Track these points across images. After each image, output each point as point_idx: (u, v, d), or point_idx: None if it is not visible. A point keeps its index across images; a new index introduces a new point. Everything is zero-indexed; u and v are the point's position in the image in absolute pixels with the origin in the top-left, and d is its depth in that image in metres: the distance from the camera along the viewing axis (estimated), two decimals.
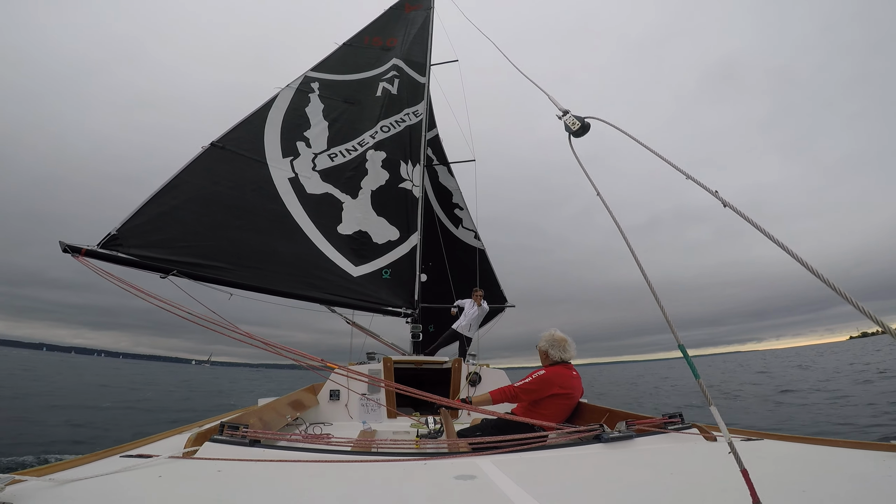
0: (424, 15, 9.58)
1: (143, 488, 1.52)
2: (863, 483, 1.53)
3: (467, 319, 7.67)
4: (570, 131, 2.26)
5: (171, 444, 2.38)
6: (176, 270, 4.52)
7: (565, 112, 2.33)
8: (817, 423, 8.90)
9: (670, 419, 2.64)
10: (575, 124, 2.24)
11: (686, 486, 1.56)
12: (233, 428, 2.29)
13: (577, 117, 2.26)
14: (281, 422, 3.63)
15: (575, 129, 2.24)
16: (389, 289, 6.17)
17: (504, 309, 9.95)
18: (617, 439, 2.27)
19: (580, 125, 2.24)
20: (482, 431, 3.43)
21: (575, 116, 2.27)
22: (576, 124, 2.24)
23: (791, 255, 1.28)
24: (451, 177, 10.57)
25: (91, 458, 1.97)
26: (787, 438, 2.29)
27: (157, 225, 4.75)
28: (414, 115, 7.93)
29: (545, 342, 3.54)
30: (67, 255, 4.09)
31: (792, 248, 1.28)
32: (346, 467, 1.84)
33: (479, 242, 10.24)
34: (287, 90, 6.86)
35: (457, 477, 1.62)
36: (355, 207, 6.51)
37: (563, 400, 3.35)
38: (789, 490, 1.41)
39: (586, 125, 2.25)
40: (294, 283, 5.38)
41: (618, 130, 2.16)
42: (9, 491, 1.31)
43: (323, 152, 6.67)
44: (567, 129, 2.28)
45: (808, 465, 1.79)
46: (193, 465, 1.84)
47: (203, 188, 5.30)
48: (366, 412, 4.87)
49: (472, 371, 5.57)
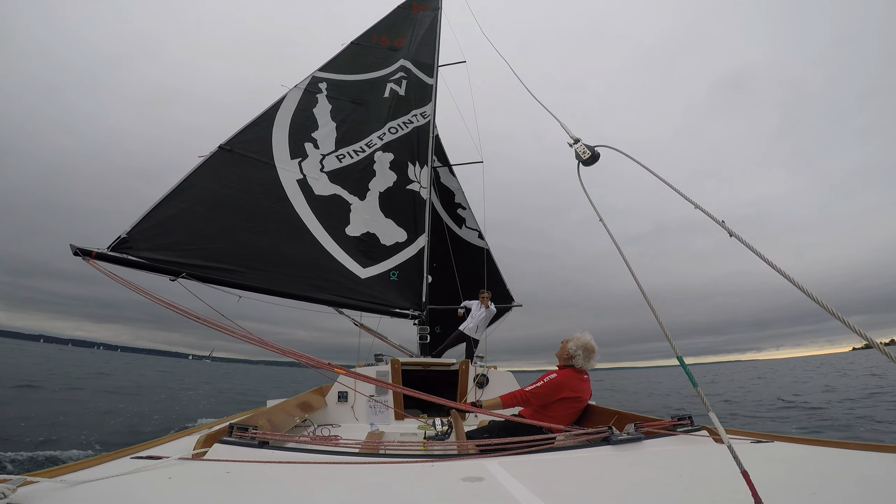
0: (432, 16, 9.58)
1: (154, 490, 1.53)
2: (873, 485, 1.51)
3: (474, 321, 7.65)
4: (580, 160, 2.21)
5: (181, 445, 2.39)
6: (185, 273, 4.56)
7: (576, 140, 2.27)
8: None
9: (679, 421, 2.63)
10: (585, 153, 2.19)
11: (695, 489, 1.55)
12: (242, 429, 2.30)
13: (588, 146, 2.20)
14: (289, 423, 3.64)
15: (585, 158, 2.19)
16: (397, 290, 6.17)
17: (511, 308, 9.92)
18: (626, 441, 2.25)
19: (591, 154, 2.19)
20: (490, 433, 3.42)
21: (586, 145, 2.20)
22: (586, 153, 2.19)
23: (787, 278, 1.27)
24: (452, 177, 10.53)
25: (102, 459, 1.99)
26: (796, 440, 2.27)
27: (166, 228, 4.79)
28: (422, 116, 7.93)
29: (575, 345, 3.46)
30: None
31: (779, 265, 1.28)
32: (355, 469, 1.84)
33: (484, 242, 10.20)
34: (295, 91, 6.89)
35: (464, 479, 1.62)
36: (363, 209, 6.52)
37: (573, 403, 3.34)
38: (799, 492, 1.40)
39: (596, 154, 2.19)
40: (302, 285, 5.40)
41: (629, 159, 2.11)
42: (21, 492, 1.33)
43: (331, 153, 6.69)
44: (577, 158, 2.22)
45: (818, 467, 1.77)
46: (203, 466, 1.85)
47: (212, 191, 5.34)
48: (373, 414, 4.88)
49: (480, 373, 5.56)
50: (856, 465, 1.76)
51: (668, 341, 1.56)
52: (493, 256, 10.12)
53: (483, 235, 10.26)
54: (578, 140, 2.27)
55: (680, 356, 1.54)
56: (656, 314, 1.63)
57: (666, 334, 1.56)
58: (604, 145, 2.19)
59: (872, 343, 1.10)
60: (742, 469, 1.17)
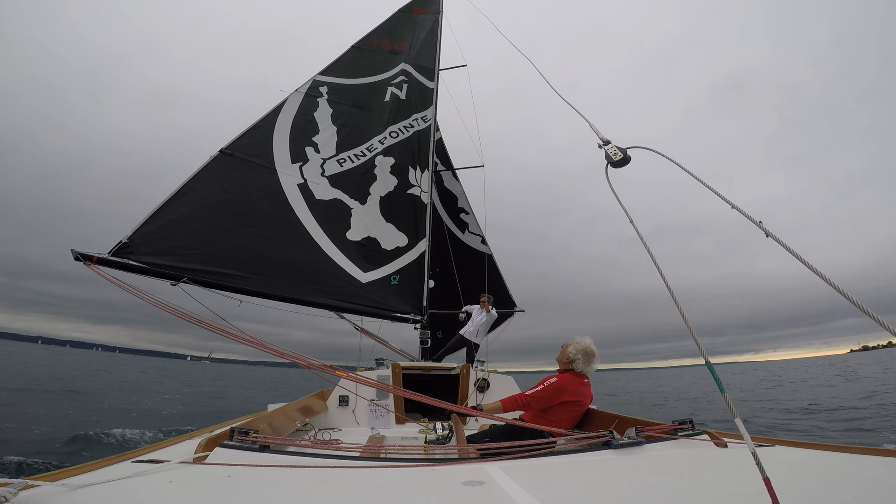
0: (433, 19, 9.61)
1: (155, 493, 1.53)
2: (875, 489, 1.50)
3: (475, 326, 7.65)
4: (611, 161, 2.17)
5: (182, 449, 2.40)
6: (186, 277, 4.56)
7: (607, 142, 2.24)
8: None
9: (680, 425, 2.62)
10: (617, 155, 2.16)
11: (696, 493, 1.55)
12: (243, 433, 2.31)
13: (619, 148, 2.17)
14: (290, 427, 3.64)
15: (616, 161, 2.16)
16: (398, 295, 6.17)
17: (513, 314, 9.90)
18: (626, 445, 2.25)
19: (622, 156, 2.15)
20: (490, 437, 3.42)
21: (617, 147, 2.17)
22: (618, 155, 2.16)
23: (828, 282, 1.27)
24: (455, 181, 10.52)
25: (103, 463, 2.00)
26: (799, 444, 2.26)
27: (167, 232, 4.79)
28: (422, 120, 7.95)
29: (576, 349, 3.46)
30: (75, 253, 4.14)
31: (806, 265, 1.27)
32: (356, 473, 1.84)
33: (487, 247, 10.17)
34: (296, 95, 6.91)
35: (465, 483, 1.62)
36: (364, 213, 6.52)
37: (573, 407, 3.34)
38: (802, 496, 1.40)
39: (628, 157, 2.16)
40: (303, 289, 5.40)
41: (667, 160, 2.06)
42: (22, 496, 1.33)
43: (332, 157, 6.70)
44: (607, 159, 2.18)
45: (821, 471, 1.76)
46: (204, 470, 1.85)
47: (212, 195, 5.34)
48: (374, 418, 4.88)
49: (481, 377, 5.56)
50: (858, 469, 1.76)
51: (696, 344, 1.54)
52: (495, 262, 10.10)
53: (486, 241, 10.25)
54: (609, 142, 2.23)
55: (709, 361, 1.52)
56: (683, 314, 1.60)
57: (694, 337, 1.53)
58: (635, 146, 2.16)
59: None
60: (764, 476, 1.15)
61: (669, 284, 1.70)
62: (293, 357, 3.07)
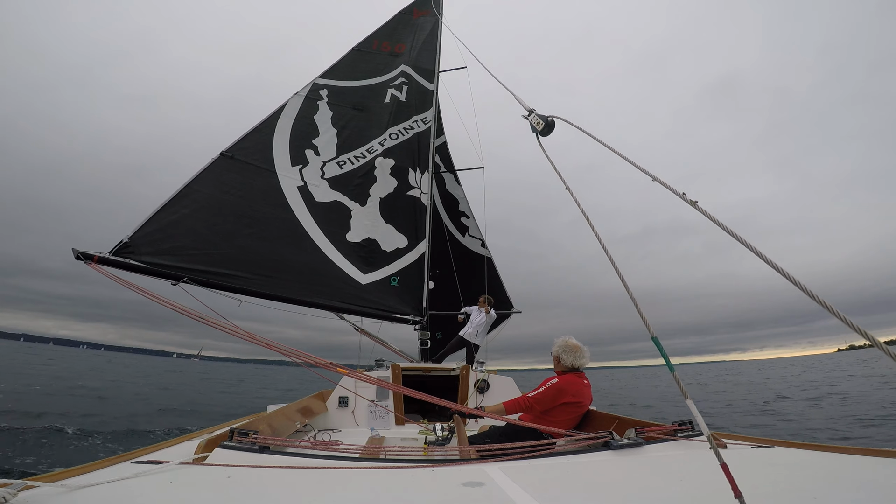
0: (433, 21, 9.63)
1: (155, 494, 1.53)
2: (874, 490, 1.51)
3: (474, 327, 7.65)
4: (536, 131, 2.29)
5: (182, 450, 2.40)
6: (187, 277, 4.57)
7: (531, 111, 2.36)
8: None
9: (680, 426, 2.62)
10: (539, 124, 2.28)
11: (696, 494, 1.55)
12: (242, 434, 2.31)
13: (541, 116, 2.29)
14: (290, 428, 3.64)
15: (540, 129, 2.27)
16: (398, 296, 6.17)
17: (510, 315, 9.91)
18: (626, 446, 2.25)
19: (544, 124, 2.27)
20: (490, 438, 3.42)
21: (539, 116, 2.29)
22: (540, 124, 2.28)
23: (784, 274, 1.27)
24: (457, 185, 10.54)
25: (103, 463, 2.00)
26: (797, 445, 2.26)
27: (168, 233, 4.81)
28: (422, 122, 7.96)
29: (558, 348, 3.53)
30: (68, 250, 4.15)
31: (782, 266, 1.27)
32: (355, 474, 1.84)
33: (486, 250, 10.19)
34: (296, 98, 6.92)
35: (465, 484, 1.62)
36: (364, 215, 6.53)
37: (574, 408, 3.34)
38: (800, 497, 1.40)
39: (551, 123, 2.27)
40: (303, 290, 5.41)
41: (582, 132, 2.16)
42: (21, 497, 1.33)
43: (332, 160, 6.71)
44: (532, 130, 2.31)
45: (819, 473, 1.77)
46: (204, 471, 1.85)
47: (213, 197, 5.36)
48: (374, 419, 4.88)
49: (480, 378, 5.56)
50: (856, 471, 1.76)
51: (643, 321, 1.56)
52: (494, 265, 10.12)
53: (486, 244, 10.26)
54: (532, 111, 2.36)
55: (655, 337, 1.53)
56: (625, 284, 1.62)
57: (639, 311, 1.55)
58: (558, 117, 2.26)
59: (875, 343, 1.11)
60: (722, 462, 1.18)
61: (608, 250, 1.72)
62: (295, 354, 3.08)
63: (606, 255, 1.77)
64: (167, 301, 3.61)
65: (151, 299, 3.65)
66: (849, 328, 1.15)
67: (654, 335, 1.54)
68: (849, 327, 1.15)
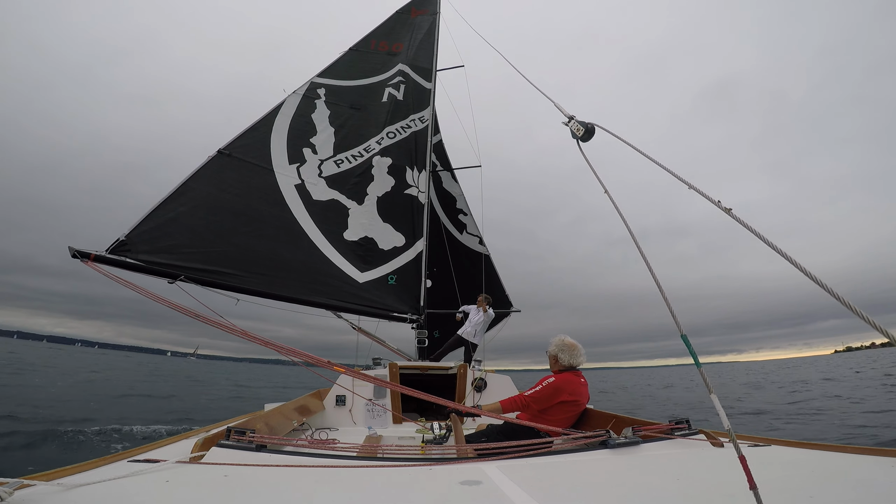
0: (430, 20, 9.63)
1: (151, 493, 1.52)
2: (870, 489, 1.51)
3: (472, 325, 7.66)
4: (577, 137, 2.28)
5: (179, 448, 2.39)
6: (183, 276, 4.56)
7: (570, 118, 2.37)
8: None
9: (677, 425, 2.63)
10: (580, 130, 2.28)
11: (693, 492, 1.55)
12: (239, 433, 2.30)
13: (581, 123, 2.29)
14: (287, 427, 3.64)
15: (580, 135, 2.27)
16: (395, 294, 6.17)
17: (509, 314, 9.92)
18: (623, 445, 2.25)
19: (584, 130, 2.27)
20: (488, 437, 3.42)
21: (579, 122, 2.30)
22: (580, 130, 2.27)
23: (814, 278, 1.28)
24: (454, 182, 10.55)
25: (99, 462, 1.99)
26: (794, 444, 2.27)
27: (165, 231, 4.79)
28: (420, 120, 7.96)
29: (554, 347, 3.53)
30: (65, 248, 4.13)
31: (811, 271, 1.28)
32: (352, 472, 1.84)
33: (484, 248, 10.19)
34: (293, 97, 6.92)
35: (462, 482, 1.62)
36: (361, 213, 6.53)
37: (571, 407, 3.34)
38: (796, 496, 1.40)
39: (591, 129, 2.28)
40: (300, 289, 5.40)
41: (621, 141, 2.17)
42: (17, 495, 1.32)
43: (329, 159, 6.70)
44: (573, 136, 2.30)
45: (816, 471, 1.77)
46: (200, 469, 1.85)
47: (210, 195, 5.35)
48: (371, 418, 4.87)
49: (478, 377, 5.56)
50: (853, 469, 1.77)
51: (673, 319, 1.56)
52: (492, 262, 10.13)
53: (483, 241, 10.27)
54: (573, 118, 2.37)
55: (685, 335, 1.54)
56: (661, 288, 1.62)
57: (672, 312, 1.56)
58: (596, 124, 2.26)
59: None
60: (740, 454, 1.18)
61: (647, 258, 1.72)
62: (293, 352, 3.07)
63: (641, 255, 1.76)
64: (164, 299, 3.60)
65: (148, 297, 3.64)
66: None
67: (683, 332, 1.55)
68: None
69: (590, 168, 2.21)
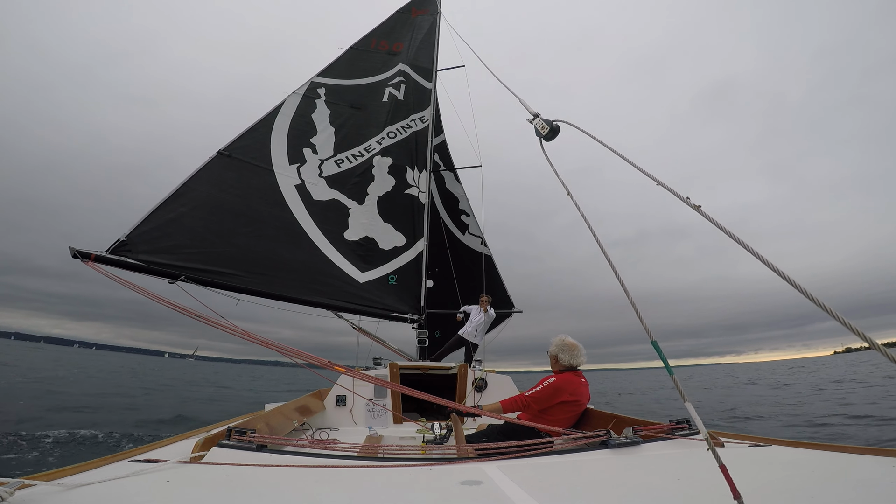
0: (431, 20, 9.63)
1: (151, 493, 1.52)
2: (871, 489, 1.51)
3: (473, 326, 7.66)
4: (540, 135, 2.27)
5: (179, 448, 2.39)
6: (184, 276, 4.56)
7: (535, 115, 2.34)
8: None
9: (678, 425, 2.62)
10: (544, 128, 2.26)
11: (693, 493, 1.55)
12: (240, 433, 2.30)
13: (546, 121, 2.27)
14: (287, 427, 3.64)
15: (545, 133, 2.25)
16: (396, 294, 6.17)
17: (511, 314, 9.92)
18: (624, 445, 2.25)
19: (549, 129, 2.25)
20: (488, 437, 3.42)
21: (544, 120, 2.27)
22: (545, 128, 2.26)
23: (784, 277, 1.28)
24: (457, 183, 10.56)
25: (100, 462, 1.99)
26: (794, 444, 2.26)
27: (165, 231, 4.80)
28: (420, 120, 7.96)
29: (555, 347, 3.53)
30: (64, 249, 4.14)
31: (782, 269, 1.28)
32: (353, 472, 1.84)
33: (486, 249, 10.20)
34: (293, 97, 6.92)
35: (463, 482, 1.61)
36: (361, 213, 6.53)
37: (571, 407, 3.34)
38: (797, 496, 1.40)
39: (556, 128, 2.25)
40: (301, 289, 5.41)
41: (589, 136, 2.15)
42: (18, 496, 1.32)
43: (329, 158, 6.71)
44: (537, 134, 2.29)
45: (816, 471, 1.77)
46: (201, 469, 1.85)
47: (211, 196, 5.35)
48: (372, 418, 4.87)
49: (478, 377, 5.56)
50: (853, 469, 1.76)
51: (642, 325, 1.56)
52: (494, 263, 10.13)
53: (486, 242, 10.27)
54: (537, 115, 2.34)
55: (654, 341, 1.54)
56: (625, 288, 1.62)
57: (639, 315, 1.56)
58: (563, 121, 2.24)
59: (873, 344, 1.12)
60: (720, 463, 1.18)
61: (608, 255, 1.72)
62: (293, 352, 3.07)
63: (606, 258, 1.76)
64: (164, 299, 3.60)
65: (149, 298, 3.64)
66: (847, 330, 1.15)
67: (653, 339, 1.54)
68: (849, 330, 1.15)
69: (550, 166, 2.20)
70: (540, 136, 2.27)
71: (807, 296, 1.21)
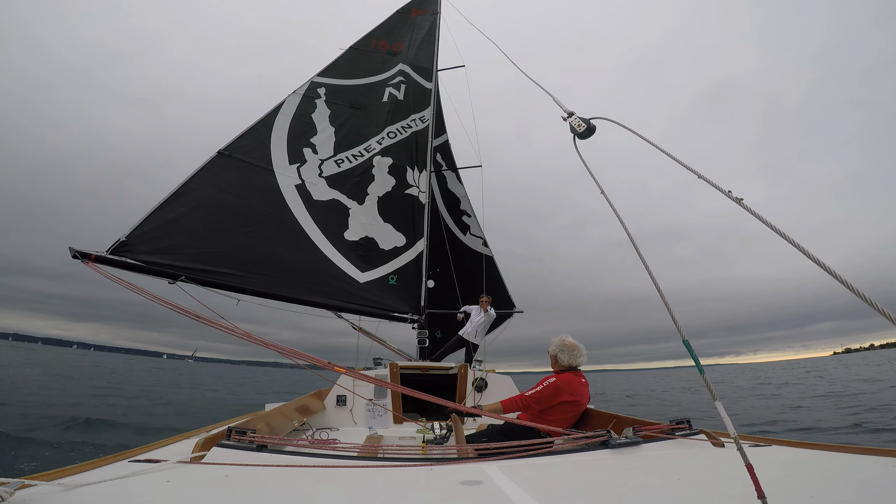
0: (431, 20, 9.63)
1: (152, 493, 1.52)
2: (871, 489, 1.51)
3: (473, 326, 7.66)
4: (576, 133, 2.22)
5: (179, 448, 2.39)
6: (184, 276, 4.56)
7: (570, 114, 2.29)
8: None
9: (678, 425, 2.62)
10: (581, 126, 2.21)
11: (693, 492, 1.55)
12: (240, 433, 2.30)
13: (582, 119, 2.22)
14: (288, 427, 3.63)
15: (581, 131, 2.20)
16: (396, 294, 6.17)
17: (512, 315, 9.92)
18: (624, 445, 2.25)
19: (586, 127, 2.20)
20: (488, 437, 3.42)
21: (581, 118, 2.24)
22: (581, 126, 2.20)
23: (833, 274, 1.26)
24: (459, 183, 10.56)
25: (100, 462, 1.99)
26: (795, 444, 2.26)
27: (165, 231, 4.79)
28: (420, 120, 7.96)
29: (555, 347, 3.53)
30: (63, 250, 4.13)
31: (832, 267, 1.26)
32: (353, 472, 1.83)
33: (488, 249, 10.21)
34: (293, 96, 6.92)
35: (463, 482, 1.61)
36: (362, 213, 6.53)
37: (572, 407, 3.33)
38: (797, 495, 1.40)
39: (592, 127, 2.20)
40: (301, 289, 5.40)
41: (630, 132, 2.11)
42: (18, 496, 1.32)
43: (329, 158, 6.70)
44: (572, 131, 2.23)
45: (817, 471, 1.77)
46: (201, 469, 1.85)
47: (211, 196, 5.35)
48: (372, 418, 4.87)
49: (479, 377, 5.56)
50: (854, 469, 1.76)
51: (674, 324, 1.55)
52: (495, 263, 10.13)
53: (487, 243, 10.27)
54: (573, 113, 2.29)
55: (686, 340, 1.53)
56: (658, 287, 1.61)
57: (672, 315, 1.54)
58: (599, 117, 2.20)
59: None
60: (747, 462, 1.17)
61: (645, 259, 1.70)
62: (295, 354, 3.07)
63: (640, 258, 1.73)
64: (164, 300, 3.60)
65: (148, 298, 3.64)
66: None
67: (685, 338, 1.53)
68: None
69: (585, 167, 2.17)
70: (575, 134, 2.23)
71: (858, 294, 1.19)
